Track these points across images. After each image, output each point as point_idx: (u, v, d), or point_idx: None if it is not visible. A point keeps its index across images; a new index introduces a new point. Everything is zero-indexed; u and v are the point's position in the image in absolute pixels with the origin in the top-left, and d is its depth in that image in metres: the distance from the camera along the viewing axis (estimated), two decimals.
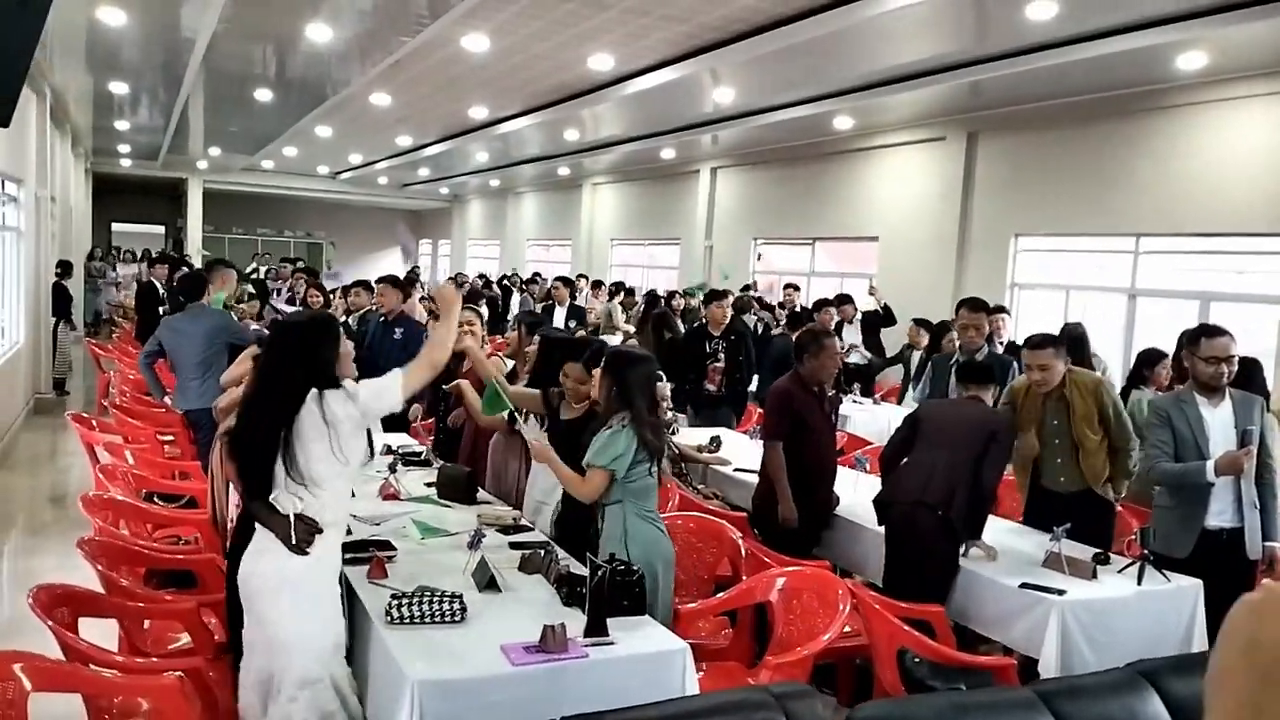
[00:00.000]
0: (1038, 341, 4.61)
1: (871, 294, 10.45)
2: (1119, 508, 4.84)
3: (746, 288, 12.12)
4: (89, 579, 3.58)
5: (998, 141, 10.92)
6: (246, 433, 3.06)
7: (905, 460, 4.47)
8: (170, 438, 6.41)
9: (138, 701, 2.81)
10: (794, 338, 5.58)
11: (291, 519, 2.95)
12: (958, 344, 5.61)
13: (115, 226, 27.43)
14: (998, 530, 4.61)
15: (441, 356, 3.33)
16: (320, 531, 3.00)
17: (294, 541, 2.93)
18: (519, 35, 8.52)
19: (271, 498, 3.00)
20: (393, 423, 6.46)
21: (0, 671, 2.54)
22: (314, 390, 2.98)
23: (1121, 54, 7.50)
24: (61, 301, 11.74)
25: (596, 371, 3.82)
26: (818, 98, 10.57)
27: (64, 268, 11.88)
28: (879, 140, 12.48)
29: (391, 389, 3.16)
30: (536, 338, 5.05)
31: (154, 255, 17.79)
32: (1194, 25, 6.89)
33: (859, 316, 9.54)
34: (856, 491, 5.02)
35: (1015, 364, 5.55)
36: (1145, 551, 4.04)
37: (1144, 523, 4.58)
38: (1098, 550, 4.20)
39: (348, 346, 3.22)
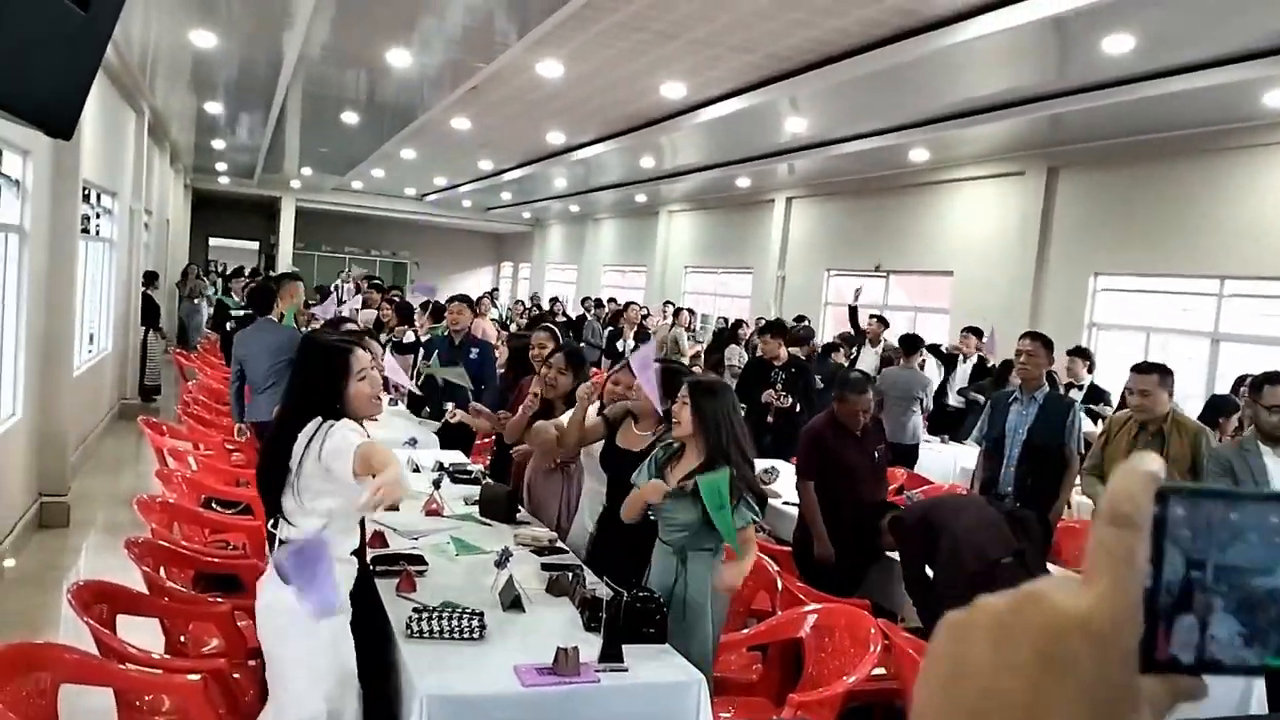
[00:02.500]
0: (1144, 366, 4.60)
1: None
2: None
3: (801, 318, 11.96)
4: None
5: (1078, 177, 10.64)
6: (264, 455, 3.03)
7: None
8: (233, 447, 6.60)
9: (162, 698, 2.89)
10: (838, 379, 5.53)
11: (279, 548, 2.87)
12: (1017, 380, 5.47)
13: (212, 241, 28.56)
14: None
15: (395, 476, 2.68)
16: None
17: (276, 569, 2.83)
18: (591, 63, 8.65)
19: (272, 524, 2.97)
20: (452, 440, 6.57)
21: (33, 660, 2.65)
22: (311, 423, 2.87)
23: (1204, 90, 7.26)
24: (150, 311, 12.23)
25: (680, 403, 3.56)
26: (892, 129, 10.47)
27: (149, 278, 12.38)
28: (956, 173, 12.29)
29: (344, 452, 2.76)
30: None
31: (228, 271, 17.67)
32: None
33: (973, 360, 9.26)
34: None
35: (1076, 405, 5.40)
36: None
37: None
38: None
39: (361, 389, 3.00)
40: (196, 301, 16.10)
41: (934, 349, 8.86)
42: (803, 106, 9.86)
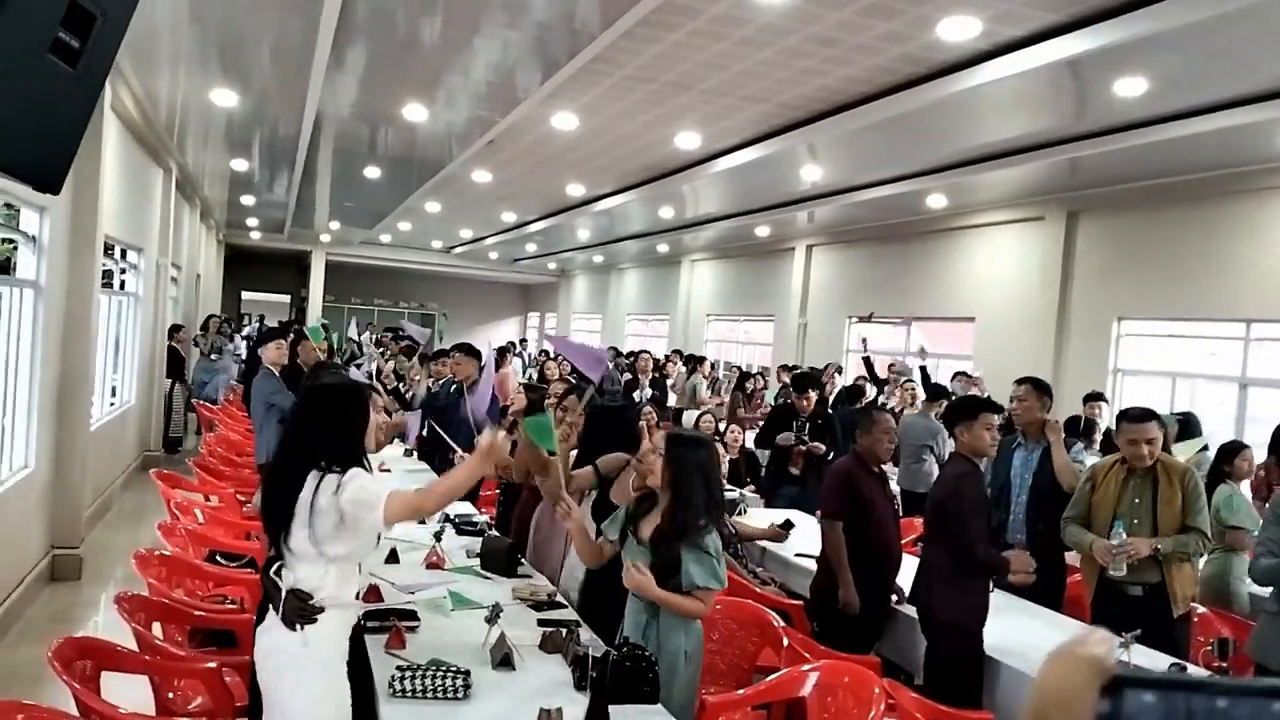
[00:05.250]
0: (1140, 415, 4.41)
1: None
2: (1198, 610, 4.48)
3: (826, 368, 11.87)
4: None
5: (1099, 221, 10.54)
6: (267, 499, 3.00)
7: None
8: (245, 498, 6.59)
9: None
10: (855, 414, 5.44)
11: (284, 594, 2.86)
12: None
13: (245, 295, 29.04)
14: (1055, 629, 4.32)
15: (437, 506, 3.19)
16: (317, 611, 2.85)
17: (281, 615, 2.85)
18: (605, 115, 8.73)
19: (274, 570, 2.94)
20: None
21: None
22: (318, 468, 2.88)
23: (1219, 132, 7.20)
24: (175, 363, 12.37)
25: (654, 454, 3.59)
26: (909, 175, 10.46)
27: (174, 331, 12.53)
28: (975, 219, 12.22)
29: (373, 504, 2.86)
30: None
31: (262, 329, 16.45)
32: None
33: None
34: None
35: (1077, 447, 5.30)
36: (1223, 665, 3.68)
37: (1232, 629, 4.22)
38: (1174, 661, 3.86)
39: (375, 419, 3.17)
40: (215, 358, 13.70)
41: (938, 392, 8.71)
42: (818, 154, 9.87)
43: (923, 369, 9.85)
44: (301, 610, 2.82)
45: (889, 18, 5.87)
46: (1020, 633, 4.17)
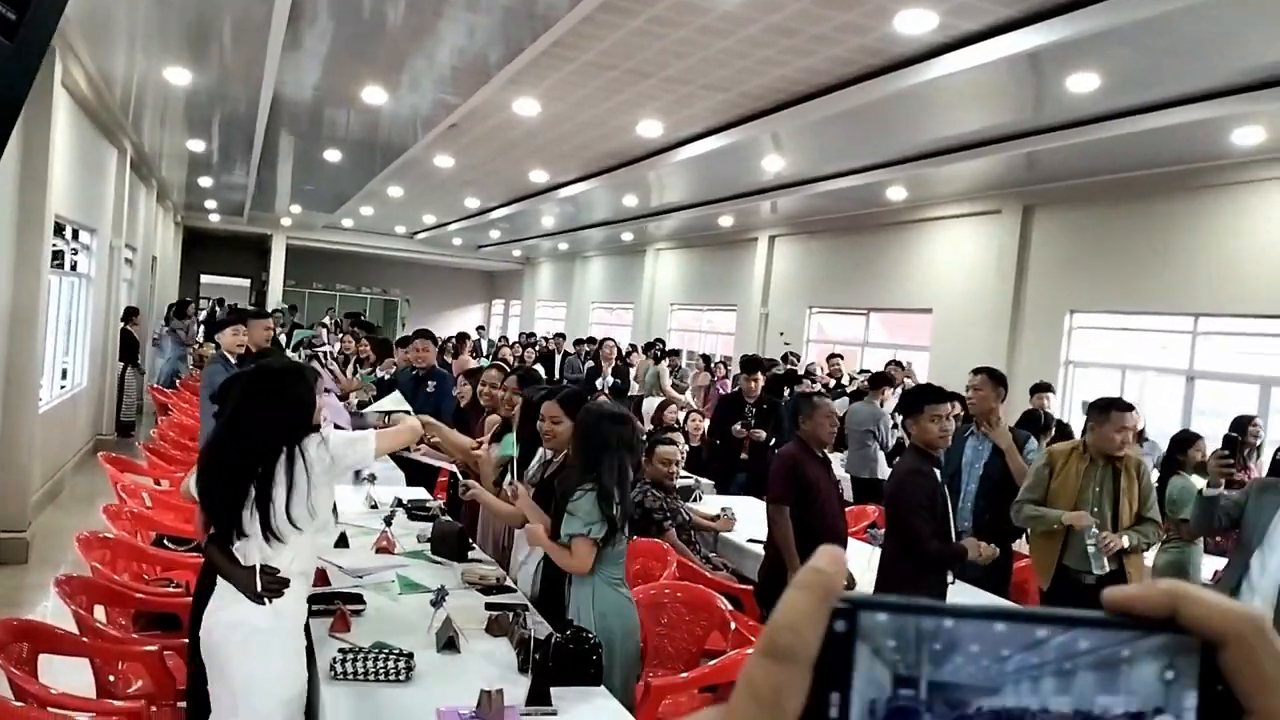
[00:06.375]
0: (1128, 405, 4.49)
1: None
2: None
3: (792, 356, 11.97)
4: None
5: (1054, 216, 10.69)
6: (215, 481, 2.99)
7: None
8: None
9: None
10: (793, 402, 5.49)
11: (256, 569, 2.90)
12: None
13: (204, 279, 28.59)
14: None
15: (411, 437, 3.59)
16: (286, 583, 2.94)
17: (258, 591, 2.89)
18: (567, 102, 8.70)
19: (235, 547, 2.94)
20: (419, 476, 6.49)
21: None
22: (290, 440, 2.94)
23: (1172, 128, 7.31)
24: (129, 347, 12.18)
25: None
26: (870, 167, 10.52)
27: (129, 314, 12.33)
28: (934, 212, 12.35)
29: (365, 441, 3.17)
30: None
31: (217, 315, 16.19)
32: (1249, 99, 6.68)
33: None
34: (871, 568, 4.82)
35: (1031, 439, 5.38)
36: None
37: None
38: None
39: (325, 398, 3.22)
40: (159, 341, 13.66)
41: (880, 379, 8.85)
42: (780, 144, 9.91)
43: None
44: (274, 583, 2.91)
45: (846, 8, 5.91)
46: None
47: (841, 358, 10.51)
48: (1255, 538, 3.88)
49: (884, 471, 8.04)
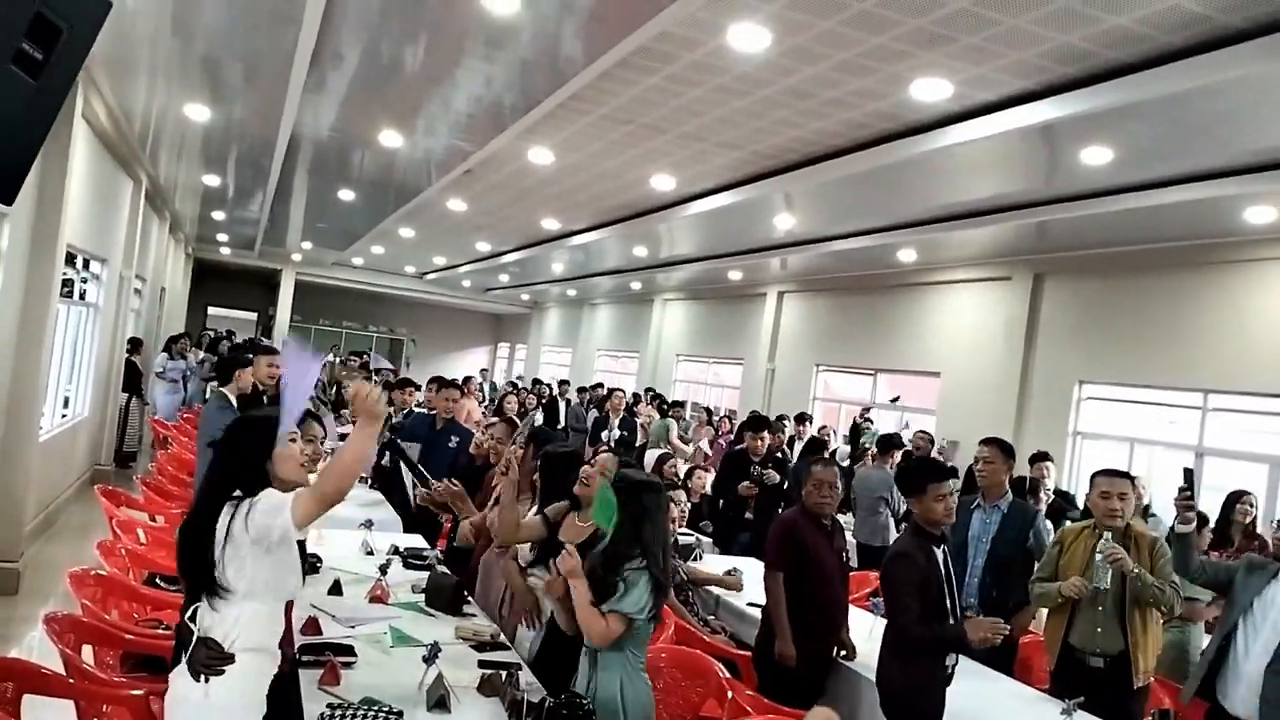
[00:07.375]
0: (1120, 471, 4.46)
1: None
2: (1154, 683, 4.47)
3: (798, 417, 11.93)
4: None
5: (1064, 285, 10.69)
6: (182, 535, 2.84)
7: None
8: None
9: None
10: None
11: (194, 640, 2.71)
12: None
13: (211, 310, 28.71)
14: (1010, 697, 4.30)
15: (340, 481, 2.70)
16: (227, 660, 2.68)
17: (187, 663, 2.69)
18: (582, 153, 8.77)
19: (196, 606, 2.78)
20: (418, 525, 6.39)
21: None
22: (231, 500, 2.74)
23: (1184, 204, 7.34)
24: (133, 377, 12.16)
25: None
26: (882, 229, 10.57)
27: (134, 344, 12.33)
28: (944, 275, 12.37)
29: (279, 508, 2.69)
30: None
31: (219, 349, 15.80)
32: (1262, 179, 6.70)
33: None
34: (874, 638, 4.71)
35: (1041, 513, 5.30)
36: None
37: (1173, 700, 4.22)
38: None
39: (290, 449, 2.87)
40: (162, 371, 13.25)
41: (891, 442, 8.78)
42: (792, 203, 9.96)
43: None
44: (208, 659, 2.67)
45: (863, 75, 5.96)
46: (969, 700, 4.12)
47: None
48: (1237, 613, 3.98)
49: (892, 539, 7.95)
